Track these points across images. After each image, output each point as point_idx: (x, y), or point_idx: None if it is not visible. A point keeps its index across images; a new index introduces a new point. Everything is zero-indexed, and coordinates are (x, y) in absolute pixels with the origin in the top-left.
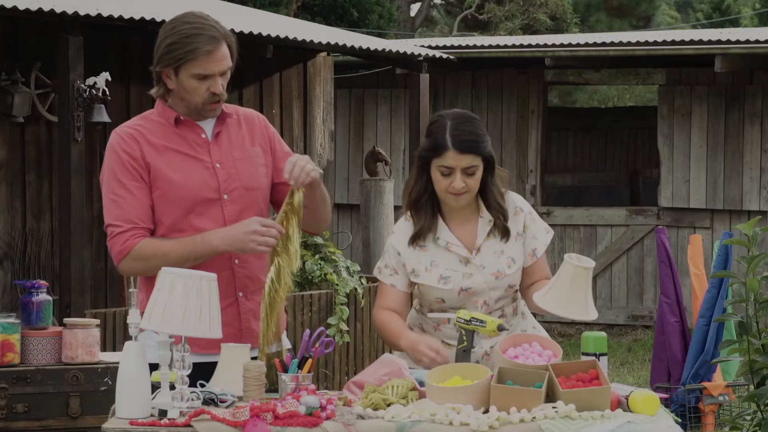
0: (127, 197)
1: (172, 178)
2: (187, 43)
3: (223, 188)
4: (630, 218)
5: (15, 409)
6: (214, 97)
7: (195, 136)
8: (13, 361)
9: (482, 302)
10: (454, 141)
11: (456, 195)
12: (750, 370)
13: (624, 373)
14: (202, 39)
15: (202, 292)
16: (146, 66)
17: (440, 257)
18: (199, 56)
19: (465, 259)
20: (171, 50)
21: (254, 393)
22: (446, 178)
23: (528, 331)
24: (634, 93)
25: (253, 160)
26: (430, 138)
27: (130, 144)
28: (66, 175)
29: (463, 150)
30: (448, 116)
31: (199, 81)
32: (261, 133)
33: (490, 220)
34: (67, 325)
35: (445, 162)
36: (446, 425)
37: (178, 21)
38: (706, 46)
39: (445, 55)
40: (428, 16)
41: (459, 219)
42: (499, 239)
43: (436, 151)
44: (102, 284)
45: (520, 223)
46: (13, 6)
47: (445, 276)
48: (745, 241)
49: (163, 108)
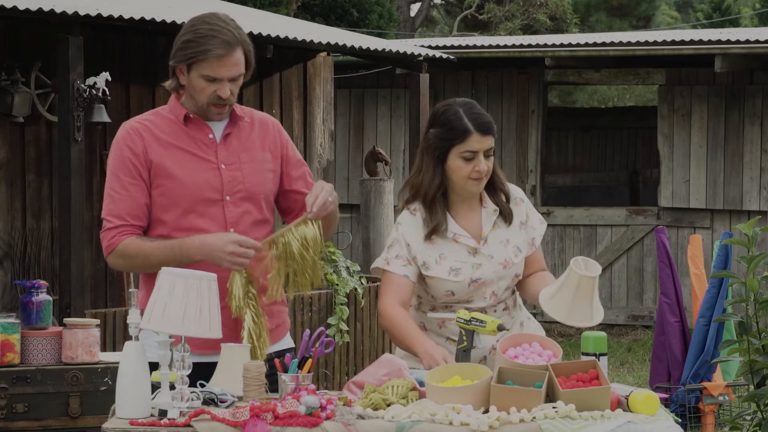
0: (122, 193)
1: (175, 175)
2: (201, 44)
3: (226, 189)
4: (630, 218)
5: (15, 409)
6: (220, 101)
7: (203, 136)
8: (13, 361)
9: (491, 293)
10: (475, 124)
11: (478, 180)
12: (750, 370)
13: (624, 373)
14: (216, 42)
15: (202, 292)
16: (146, 66)
17: (448, 249)
18: (209, 58)
19: (473, 250)
20: (185, 47)
21: (254, 393)
22: (469, 164)
23: (524, 322)
24: (634, 93)
25: (260, 164)
26: (447, 127)
27: (134, 140)
28: (66, 175)
29: (485, 132)
30: (456, 104)
31: (208, 82)
32: (273, 138)
33: (495, 209)
34: (67, 325)
35: (469, 146)
36: (446, 425)
37: (198, 20)
38: (706, 46)
39: (445, 55)
40: (428, 16)
41: (464, 210)
42: (504, 226)
43: (460, 137)
44: (102, 284)
45: (523, 212)
46: (13, 6)
47: (455, 268)
48: (745, 241)
49: (175, 104)
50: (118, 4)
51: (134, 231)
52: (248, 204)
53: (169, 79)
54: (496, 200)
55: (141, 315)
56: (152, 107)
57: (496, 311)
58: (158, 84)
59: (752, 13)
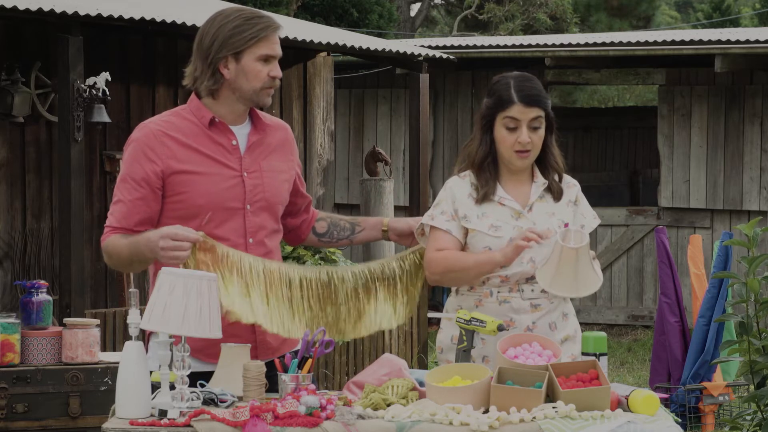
0: (125, 197)
1: (197, 181)
2: (254, 24)
3: (248, 198)
4: (630, 218)
5: (15, 409)
6: (273, 82)
7: (226, 142)
8: (13, 361)
9: (528, 258)
10: (519, 95)
11: (522, 153)
12: (750, 371)
13: (624, 373)
14: (266, 20)
15: (202, 292)
16: (146, 66)
17: (491, 210)
18: (269, 34)
19: (517, 213)
20: (236, 33)
21: (254, 393)
22: (512, 133)
23: (568, 315)
24: (634, 93)
25: (278, 173)
26: (494, 96)
27: (152, 144)
28: (66, 175)
29: (529, 103)
30: (510, 76)
31: (263, 64)
32: (290, 147)
33: (544, 182)
34: (67, 325)
35: (511, 114)
36: (446, 425)
37: (226, 11)
38: (706, 46)
39: (445, 55)
40: (428, 16)
41: (514, 182)
42: (552, 201)
43: (502, 105)
44: (102, 284)
45: (573, 194)
46: (13, 6)
47: (497, 225)
48: (746, 241)
49: (197, 106)
50: (118, 4)
51: (122, 233)
52: (266, 213)
53: (189, 79)
54: (548, 177)
55: None
56: (152, 107)
57: (533, 290)
58: (158, 84)
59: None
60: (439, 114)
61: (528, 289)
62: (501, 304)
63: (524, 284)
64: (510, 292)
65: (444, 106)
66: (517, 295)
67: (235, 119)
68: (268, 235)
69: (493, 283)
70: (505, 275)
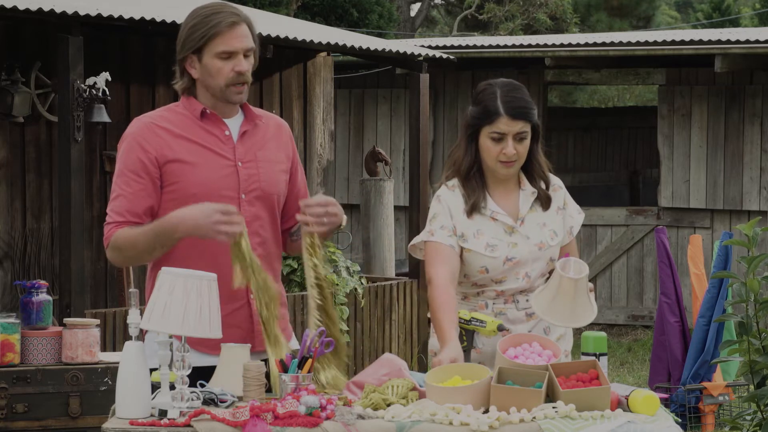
0: (126, 191)
1: (191, 171)
2: (208, 22)
3: (243, 188)
4: (630, 218)
5: (15, 409)
6: (240, 77)
7: (219, 132)
8: (13, 361)
9: (524, 273)
10: (506, 107)
11: (507, 163)
12: (750, 371)
13: (624, 373)
14: (222, 16)
15: (202, 292)
16: (146, 66)
17: (486, 226)
18: (222, 30)
19: (510, 229)
20: (193, 32)
21: (254, 393)
22: (497, 145)
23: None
24: (634, 93)
25: (275, 164)
26: (481, 105)
27: (146, 136)
28: (66, 175)
29: (515, 116)
30: (497, 84)
31: (224, 60)
32: (287, 142)
33: (533, 192)
34: (67, 325)
35: (497, 128)
36: (446, 425)
37: (196, 8)
38: (706, 46)
39: (445, 55)
40: (428, 16)
41: (502, 191)
42: (541, 210)
43: (489, 118)
44: (102, 284)
45: (561, 198)
46: (13, 6)
47: (492, 244)
48: (745, 241)
49: (188, 101)
50: (118, 4)
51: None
52: (261, 203)
53: (175, 79)
54: (535, 185)
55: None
56: (152, 107)
57: (528, 300)
58: (158, 84)
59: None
60: (439, 114)
61: (523, 300)
62: (497, 316)
63: (519, 295)
64: (505, 304)
65: (444, 106)
66: (512, 306)
67: (225, 113)
68: (263, 225)
69: (488, 296)
70: (500, 290)
